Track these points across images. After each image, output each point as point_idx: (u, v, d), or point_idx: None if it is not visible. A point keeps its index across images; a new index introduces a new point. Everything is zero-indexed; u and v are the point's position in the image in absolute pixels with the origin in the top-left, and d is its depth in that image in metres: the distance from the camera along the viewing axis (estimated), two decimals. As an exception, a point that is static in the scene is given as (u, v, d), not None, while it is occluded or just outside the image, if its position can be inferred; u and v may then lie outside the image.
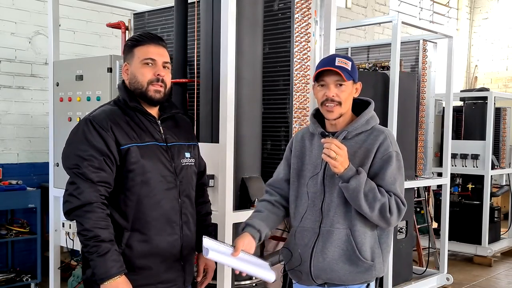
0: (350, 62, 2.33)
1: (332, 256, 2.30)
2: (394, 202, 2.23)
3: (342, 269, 2.29)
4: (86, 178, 2.14)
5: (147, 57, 2.29)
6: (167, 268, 2.31)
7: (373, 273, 2.30)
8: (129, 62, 2.33)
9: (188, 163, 2.41)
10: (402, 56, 5.23)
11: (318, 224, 2.34)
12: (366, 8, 10.46)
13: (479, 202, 7.18)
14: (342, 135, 2.33)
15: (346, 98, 2.30)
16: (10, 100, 5.65)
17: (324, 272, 2.32)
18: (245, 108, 3.28)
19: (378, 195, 2.22)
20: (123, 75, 2.37)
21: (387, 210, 2.22)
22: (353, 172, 2.22)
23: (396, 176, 2.28)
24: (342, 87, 2.29)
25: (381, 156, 2.28)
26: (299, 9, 3.55)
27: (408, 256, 5.41)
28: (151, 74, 2.29)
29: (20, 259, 5.54)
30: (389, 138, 2.32)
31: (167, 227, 2.30)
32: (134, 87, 2.30)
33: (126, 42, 2.43)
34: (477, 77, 13.04)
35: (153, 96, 2.29)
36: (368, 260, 2.29)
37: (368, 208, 2.21)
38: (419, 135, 5.42)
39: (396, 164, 2.29)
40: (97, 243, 2.10)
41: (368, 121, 2.37)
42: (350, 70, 2.30)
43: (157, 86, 2.29)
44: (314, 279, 2.36)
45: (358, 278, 2.31)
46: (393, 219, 2.24)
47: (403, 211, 2.26)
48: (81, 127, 2.24)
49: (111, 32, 5.97)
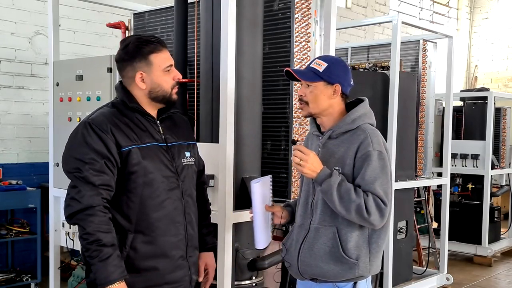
0: (326, 64, 2.39)
1: (318, 252, 2.37)
2: (372, 202, 2.23)
3: (326, 266, 2.36)
4: (88, 182, 2.13)
5: (168, 65, 2.32)
6: (173, 268, 2.31)
7: (355, 271, 2.33)
8: (146, 71, 2.28)
9: (189, 163, 2.41)
10: (402, 56, 5.23)
11: (309, 221, 2.44)
12: (366, 8, 10.46)
13: (479, 202, 7.18)
14: (327, 135, 2.41)
15: (314, 99, 2.38)
16: (10, 100, 5.66)
17: (310, 267, 2.41)
18: (245, 108, 3.27)
19: (353, 196, 2.23)
20: (138, 83, 2.28)
21: (363, 210, 2.22)
22: (325, 175, 2.28)
23: (377, 175, 2.28)
24: (310, 88, 2.39)
25: (360, 155, 2.31)
26: (299, 9, 3.55)
27: (408, 256, 5.41)
28: (171, 79, 2.33)
29: (20, 259, 5.55)
30: (370, 138, 2.33)
31: (171, 227, 2.29)
32: (157, 95, 2.30)
33: (133, 48, 2.28)
34: (477, 77, 13.04)
35: (175, 98, 2.36)
36: (352, 259, 2.32)
37: (344, 211, 2.25)
38: (419, 135, 5.42)
39: (377, 163, 2.29)
40: (99, 247, 2.09)
41: (354, 120, 2.39)
42: (321, 72, 2.37)
43: (176, 88, 2.35)
44: (302, 274, 2.45)
45: (341, 275, 2.35)
46: (373, 219, 2.24)
47: (385, 210, 2.26)
48: (80, 130, 2.22)
49: (111, 32, 5.97)
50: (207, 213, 2.65)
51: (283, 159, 3.59)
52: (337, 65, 2.43)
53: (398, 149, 4.80)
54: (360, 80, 4.89)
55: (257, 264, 3.33)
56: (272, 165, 3.62)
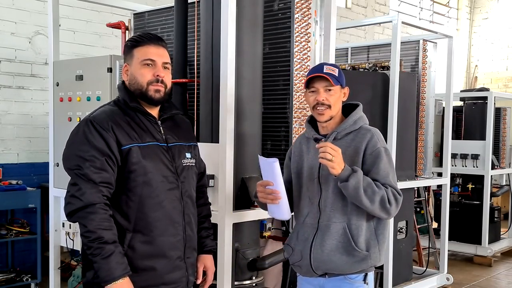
0: (337, 69, 2.55)
1: (330, 248, 2.49)
2: (391, 193, 2.42)
3: (340, 260, 2.48)
4: (88, 179, 2.13)
5: (146, 58, 2.28)
6: (170, 269, 2.30)
7: (369, 262, 2.49)
8: (129, 63, 2.33)
9: (189, 164, 2.41)
10: (402, 56, 5.23)
11: (317, 220, 2.54)
12: (366, 8, 10.46)
13: (479, 202, 7.18)
14: (332, 136, 2.54)
15: (335, 102, 2.52)
16: (10, 100, 5.66)
17: (323, 263, 2.51)
18: (245, 108, 3.27)
19: (376, 188, 2.39)
20: (123, 75, 2.37)
21: (386, 201, 2.39)
22: (349, 171, 2.39)
23: (388, 169, 2.47)
24: (330, 92, 2.51)
25: (370, 152, 2.47)
26: (299, 9, 3.55)
27: (408, 256, 5.41)
28: (151, 75, 2.28)
29: (20, 259, 5.55)
30: (376, 136, 2.51)
31: (170, 227, 2.29)
32: (134, 88, 2.30)
33: (126, 42, 2.42)
34: (477, 77, 13.04)
35: (153, 96, 2.29)
36: (363, 250, 2.47)
37: (369, 202, 2.37)
38: (419, 135, 5.42)
39: (386, 158, 2.48)
40: (101, 245, 2.09)
41: (356, 121, 2.56)
42: (337, 76, 2.52)
43: (157, 86, 2.29)
44: (315, 271, 2.55)
45: (354, 267, 2.49)
46: (392, 209, 2.42)
47: (400, 200, 2.45)
48: (81, 127, 2.23)
49: (111, 32, 5.97)
50: (207, 215, 2.64)
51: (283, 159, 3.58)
52: (340, 70, 2.59)
53: (398, 149, 4.80)
54: (360, 80, 4.89)
55: (257, 264, 3.33)
56: (272, 165, 3.61)
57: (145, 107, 2.32)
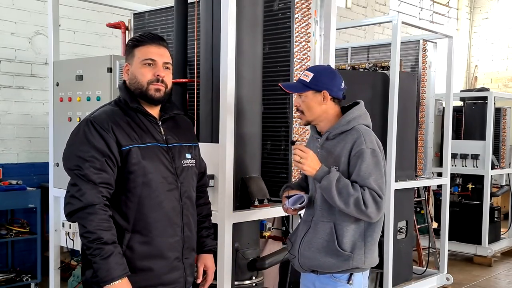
0: (312, 74, 2.59)
1: (316, 246, 2.56)
2: (369, 196, 2.39)
3: (323, 258, 2.53)
4: (88, 180, 2.14)
5: (147, 58, 2.29)
6: (168, 269, 2.30)
7: (350, 263, 2.50)
8: (130, 63, 2.33)
9: (189, 164, 2.41)
10: (402, 56, 5.23)
11: (311, 217, 2.63)
12: (366, 8, 10.46)
13: (479, 202, 7.18)
14: (325, 136, 2.60)
15: (307, 107, 2.58)
16: (10, 100, 5.66)
17: (308, 260, 2.58)
18: (245, 108, 3.28)
19: (351, 190, 2.40)
20: (123, 75, 2.37)
21: (361, 203, 2.38)
22: (324, 172, 2.46)
23: (371, 171, 2.44)
24: (302, 98, 2.60)
25: (354, 153, 2.48)
26: (299, 9, 3.55)
27: (408, 256, 5.41)
28: (151, 74, 2.28)
29: (20, 259, 5.55)
30: (363, 136, 2.50)
31: (168, 228, 2.29)
32: (134, 87, 2.30)
33: (127, 42, 2.43)
34: (477, 77, 13.04)
35: (153, 95, 2.29)
36: (347, 251, 2.50)
37: (344, 204, 2.40)
38: (419, 135, 5.42)
39: (371, 160, 2.46)
40: (100, 245, 2.10)
41: (349, 122, 2.57)
42: (308, 82, 2.57)
43: (157, 85, 2.29)
44: (302, 266, 2.63)
45: (336, 266, 2.52)
46: (370, 211, 2.40)
47: (381, 203, 2.42)
48: (81, 128, 2.23)
49: (111, 32, 5.97)
50: (208, 215, 2.64)
51: (283, 159, 3.59)
52: (323, 73, 2.62)
53: (398, 149, 4.80)
54: (360, 80, 4.89)
55: (257, 264, 3.33)
56: (272, 165, 3.62)
57: (146, 107, 2.32)
